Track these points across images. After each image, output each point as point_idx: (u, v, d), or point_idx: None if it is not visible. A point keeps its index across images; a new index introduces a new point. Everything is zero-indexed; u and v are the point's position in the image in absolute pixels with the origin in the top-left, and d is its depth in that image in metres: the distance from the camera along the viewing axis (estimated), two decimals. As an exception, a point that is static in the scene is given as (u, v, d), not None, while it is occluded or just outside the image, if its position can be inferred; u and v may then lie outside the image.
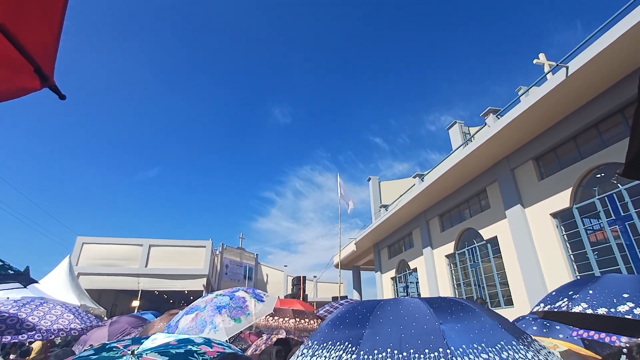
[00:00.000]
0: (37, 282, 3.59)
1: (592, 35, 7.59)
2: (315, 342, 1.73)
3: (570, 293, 2.44)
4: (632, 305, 2.06)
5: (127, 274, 24.03)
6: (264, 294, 3.55)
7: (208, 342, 1.29)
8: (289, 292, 22.87)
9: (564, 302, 2.37)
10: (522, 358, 1.43)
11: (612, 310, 2.10)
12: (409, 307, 1.74)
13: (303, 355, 1.70)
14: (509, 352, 1.44)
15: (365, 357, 1.42)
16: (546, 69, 9.96)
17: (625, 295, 2.15)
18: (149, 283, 24.15)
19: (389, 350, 1.42)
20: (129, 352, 1.10)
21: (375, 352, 1.43)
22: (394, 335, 1.51)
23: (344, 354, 1.50)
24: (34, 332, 3.58)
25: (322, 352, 1.62)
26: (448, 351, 1.36)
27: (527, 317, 4.57)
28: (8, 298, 4.13)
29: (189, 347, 1.17)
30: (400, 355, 1.38)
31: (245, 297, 3.27)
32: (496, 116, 11.08)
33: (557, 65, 8.06)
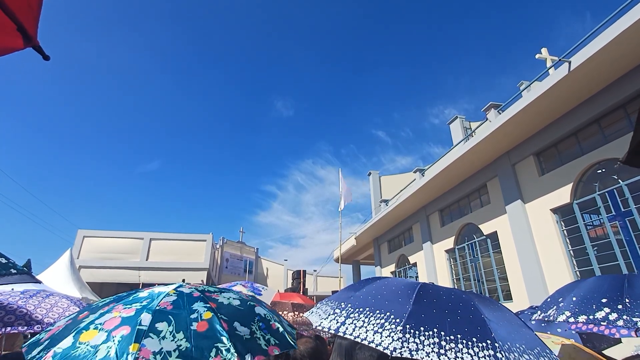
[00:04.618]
0: (40, 282, 3.59)
1: (595, 29, 7.52)
2: (350, 306, 1.73)
3: (559, 300, 2.53)
4: (608, 311, 2.15)
5: (128, 267, 24.19)
6: (263, 288, 3.57)
7: None
8: (289, 285, 22.98)
9: (553, 310, 2.48)
10: None
11: (591, 317, 2.17)
12: (451, 294, 1.75)
13: (336, 315, 1.71)
14: (545, 358, 1.48)
15: (412, 331, 1.44)
16: (548, 63, 9.88)
17: (604, 300, 2.23)
18: (150, 276, 24.28)
19: (435, 330, 1.44)
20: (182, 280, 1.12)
21: (422, 329, 1.45)
22: (440, 318, 1.52)
23: (387, 323, 1.51)
24: (41, 324, 3.59)
25: (359, 316, 1.62)
26: (497, 345, 1.36)
27: (526, 312, 4.60)
28: (13, 289, 4.14)
29: None
30: (448, 338, 1.40)
31: (242, 291, 3.30)
32: (497, 111, 11.04)
33: (560, 60, 7.99)
